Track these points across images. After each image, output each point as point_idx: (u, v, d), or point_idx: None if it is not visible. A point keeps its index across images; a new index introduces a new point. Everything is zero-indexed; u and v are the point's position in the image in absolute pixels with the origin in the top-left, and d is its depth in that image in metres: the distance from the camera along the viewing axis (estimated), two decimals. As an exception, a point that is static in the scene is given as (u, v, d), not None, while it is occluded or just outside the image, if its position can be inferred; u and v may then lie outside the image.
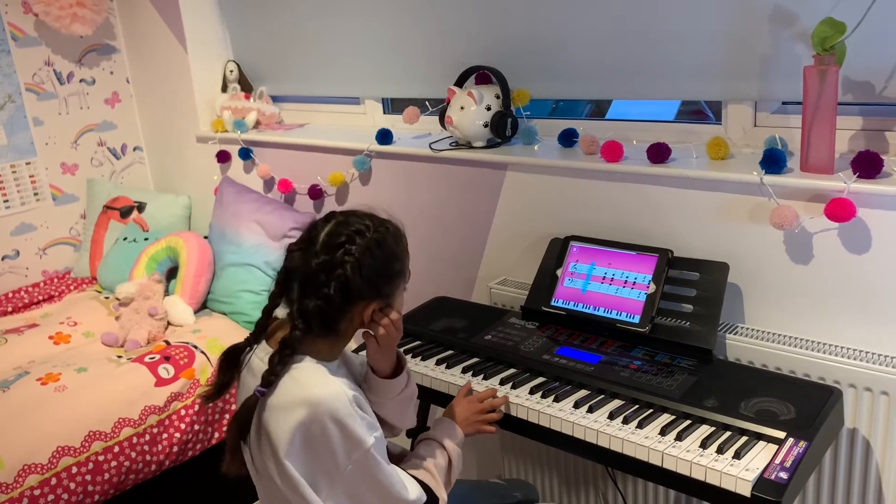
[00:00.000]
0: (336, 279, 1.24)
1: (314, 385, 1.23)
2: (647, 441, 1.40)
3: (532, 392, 1.60)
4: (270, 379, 1.24)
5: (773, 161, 1.62)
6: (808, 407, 1.43)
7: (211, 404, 2.33)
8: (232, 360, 1.34)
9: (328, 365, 1.29)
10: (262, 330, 1.34)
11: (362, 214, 1.32)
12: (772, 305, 1.72)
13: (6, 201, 2.94)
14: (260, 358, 1.31)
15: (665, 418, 1.47)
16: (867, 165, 1.52)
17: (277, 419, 1.22)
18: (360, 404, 1.27)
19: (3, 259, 2.95)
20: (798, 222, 1.61)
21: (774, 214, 1.61)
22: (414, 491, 1.32)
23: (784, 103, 1.82)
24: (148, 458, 2.18)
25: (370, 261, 1.27)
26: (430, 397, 1.74)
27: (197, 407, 2.29)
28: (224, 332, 2.53)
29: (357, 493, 1.26)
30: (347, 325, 1.30)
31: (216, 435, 2.35)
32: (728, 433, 1.40)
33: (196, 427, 2.28)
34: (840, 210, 1.52)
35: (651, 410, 1.50)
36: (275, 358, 1.25)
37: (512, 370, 1.71)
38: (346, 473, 1.24)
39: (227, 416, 2.37)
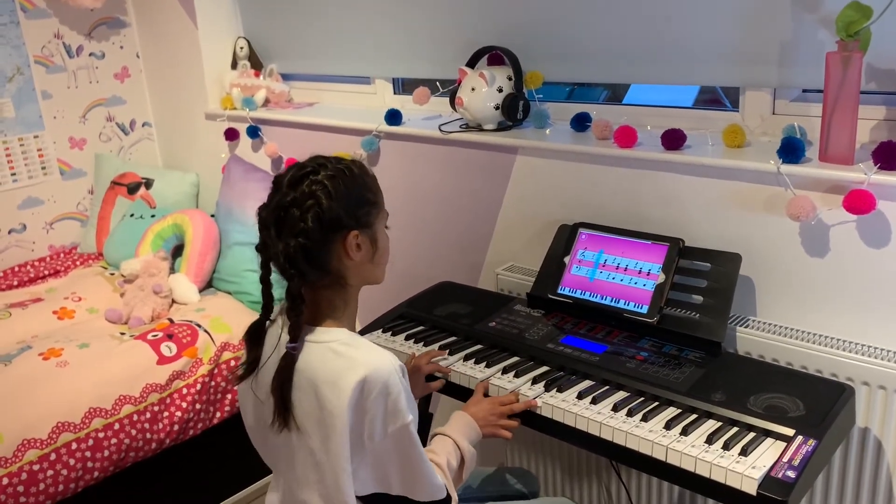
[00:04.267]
0: (310, 209, 1.21)
1: (364, 355, 1.21)
2: (651, 435, 1.36)
3: (535, 381, 1.57)
4: (296, 333, 1.22)
5: (791, 150, 1.57)
6: (818, 404, 1.39)
7: (213, 384, 2.31)
8: (257, 337, 1.31)
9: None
10: (270, 300, 1.31)
11: (322, 156, 1.29)
12: (785, 299, 1.68)
13: (13, 174, 2.92)
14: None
15: (671, 412, 1.43)
16: (889, 157, 1.47)
17: (330, 394, 1.19)
18: (407, 377, 1.25)
19: (9, 233, 2.94)
20: (815, 214, 1.56)
21: (791, 205, 1.57)
22: (438, 478, 1.30)
23: (805, 91, 1.76)
24: (148, 436, 2.17)
25: (340, 186, 1.24)
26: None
27: (199, 386, 2.28)
28: (228, 312, 2.51)
29: (383, 468, 1.24)
30: (338, 263, 1.26)
31: (217, 414, 2.34)
32: (735, 429, 1.36)
33: (197, 406, 2.27)
34: (859, 202, 1.47)
35: (656, 403, 1.46)
36: (291, 312, 1.22)
37: (515, 358, 1.68)
38: (379, 444, 1.21)
39: (228, 396, 2.36)
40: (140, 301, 2.50)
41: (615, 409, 1.45)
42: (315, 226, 1.21)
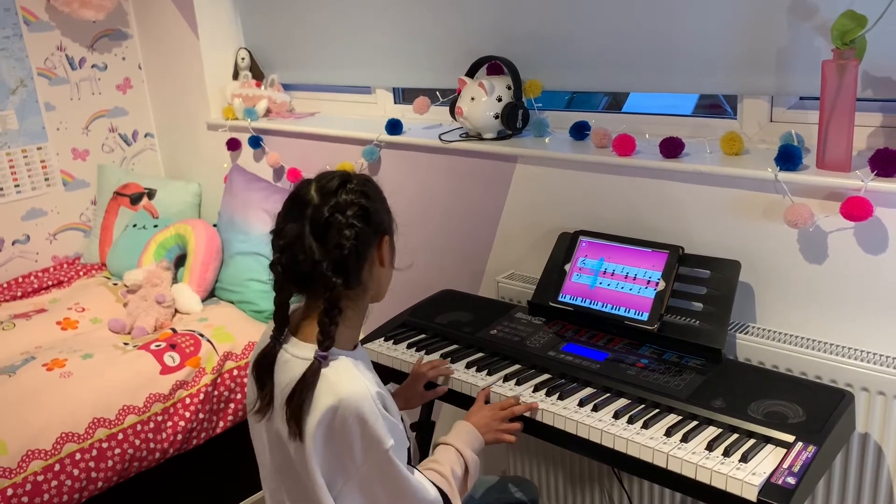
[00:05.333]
0: (356, 212, 1.23)
1: (342, 382, 1.21)
2: (652, 442, 1.37)
3: (536, 389, 1.58)
4: (326, 343, 1.22)
5: (789, 157, 1.58)
6: (818, 410, 1.40)
7: (216, 394, 2.32)
8: (267, 366, 1.29)
9: (352, 354, 1.28)
10: (284, 324, 1.29)
11: (331, 171, 1.32)
12: (784, 305, 1.69)
13: (17, 186, 2.94)
14: (291, 353, 1.26)
15: (671, 419, 1.44)
16: (886, 163, 1.48)
17: (305, 412, 1.20)
18: (385, 403, 1.25)
19: (13, 244, 2.96)
20: (813, 221, 1.57)
21: (789, 212, 1.58)
22: (430, 493, 1.30)
23: (801, 98, 1.78)
24: (152, 445, 2.17)
25: (374, 191, 1.28)
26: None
27: (202, 395, 2.28)
28: (231, 321, 2.52)
29: (371, 492, 1.25)
30: (368, 274, 1.28)
31: (220, 424, 2.35)
32: (735, 435, 1.37)
33: (200, 416, 2.28)
34: (856, 209, 1.48)
35: (657, 410, 1.47)
36: (325, 319, 1.22)
37: (517, 366, 1.69)
38: (361, 470, 1.23)
39: (231, 405, 2.37)
40: (143, 311, 2.51)
41: (616, 416, 1.46)
42: (363, 225, 1.24)
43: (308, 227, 1.22)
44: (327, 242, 1.21)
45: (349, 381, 1.22)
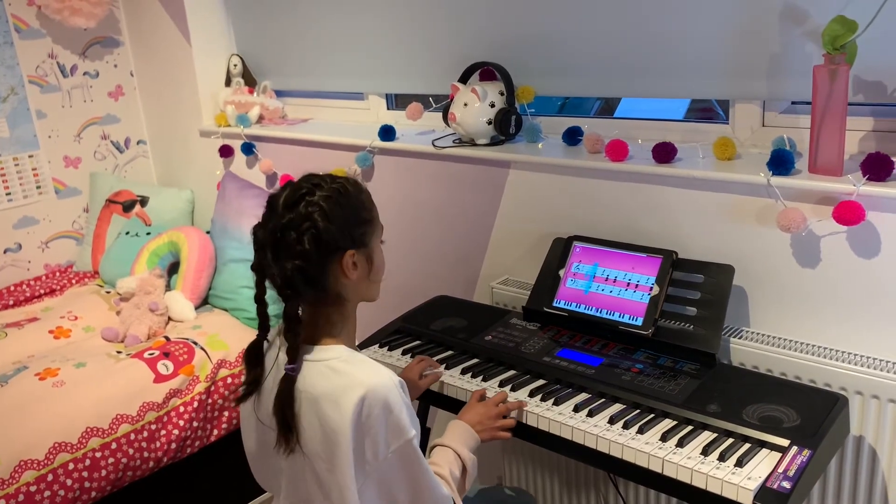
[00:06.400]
0: (307, 232, 1.21)
1: (364, 373, 1.21)
2: (647, 447, 1.37)
3: (531, 395, 1.58)
4: (294, 355, 1.22)
5: (781, 162, 1.59)
6: (813, 414, 1.40)
7: (210, 402, 2.31)
8: (256, 357, 1.31)
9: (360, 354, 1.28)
10: (266, 319, 1.31)
11: (316, 174, 1.30)
12: (777, 309, 1.69)
13: (8, 194, 2.93)
14: (312, 360, 1.27)
15: (666, 424, 1.44)
16: (877, 167, 1.48)
17: (332, 412, 1.19)
18: (406, 391, 1.25)
19: (4, 252, 2.94)
20: (806, 225, 1.57)
21: (781, 217, 1.58)
22: (444, 490, 1.30)
23: (793, 103, 1.78)
24: (145, 455, 2.16)
25: (336, 208, 1.24)
26: (429, 399, 1.72)
27: (196, 404, 2.28)
28: (225, 329, 2.51)
29: (389, 485, 1.24)
30: (335, 283, 1.26)
31: (215, 432, 2.34)
32: (730, 440, 1.37)
33: (195, 424, 2.27)
34: (849, 213, 1.49)
35: (652, 415, 1.47)
36: (289, 334, 1.22)
37: (512, 372, 1.68)
38: (383, 465, 1.21)
39: (225, 413, 2.36)
40: (136, 319, 2.50)
41: (611, 421, 1.46)
42: (312, 248, 1.21)
43: (268, 237, 1.23)
44: (279, 259, 1.22)
45: (373, 372, 1.22)
